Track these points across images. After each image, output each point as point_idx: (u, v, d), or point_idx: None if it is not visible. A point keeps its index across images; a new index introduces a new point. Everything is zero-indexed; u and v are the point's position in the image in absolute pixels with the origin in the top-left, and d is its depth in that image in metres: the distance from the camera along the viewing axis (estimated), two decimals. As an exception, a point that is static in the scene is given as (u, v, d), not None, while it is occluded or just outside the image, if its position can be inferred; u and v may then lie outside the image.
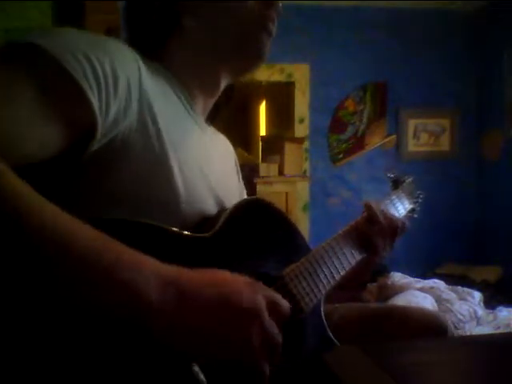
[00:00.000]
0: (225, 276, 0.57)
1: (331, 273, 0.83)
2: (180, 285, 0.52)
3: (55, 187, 0.60)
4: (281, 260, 0.77)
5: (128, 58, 0.66)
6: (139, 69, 0.67)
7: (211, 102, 0.85)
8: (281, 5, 0.81)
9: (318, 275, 0.80)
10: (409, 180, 1.20)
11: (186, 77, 0.79)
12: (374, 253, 0.94)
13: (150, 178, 0.66)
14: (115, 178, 0.63)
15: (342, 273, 0.86)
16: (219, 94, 0.85)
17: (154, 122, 0.67)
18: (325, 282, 0.81)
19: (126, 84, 0.63)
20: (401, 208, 1.09)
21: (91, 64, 0.58)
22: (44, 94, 0.55)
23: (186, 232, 0.65)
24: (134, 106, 0.64)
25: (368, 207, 0.96)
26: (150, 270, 0.51)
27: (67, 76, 0.56)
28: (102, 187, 0.63)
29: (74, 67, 0.57)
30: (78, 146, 0.60)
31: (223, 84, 0.84)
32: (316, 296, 0.78)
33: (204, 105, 0.83)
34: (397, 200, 1.09)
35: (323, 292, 0.80)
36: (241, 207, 0.75)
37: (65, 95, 0.57)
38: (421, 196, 1.20)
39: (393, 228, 0.96)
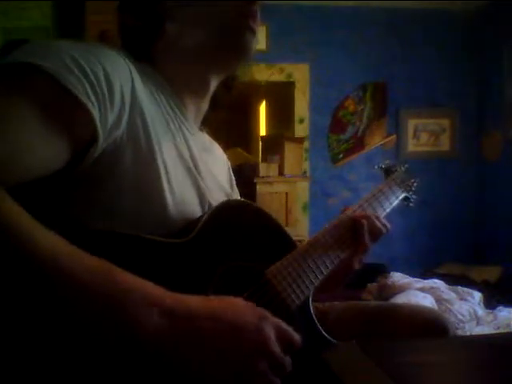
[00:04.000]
0: (233, 305, 0.56)
1: (318, 268, 0.82)
2: (176, 312, 0.52)
3: (46, 198, 0.61)
4: (265, 259, 0.77)
5: (121, 66, 0.67)
6: (132, 77, 0.68)
7: (203, 104, 0.85)
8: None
9: (305, 271, 0.80)
10: (401, 168, 1.17)
11: (175, 80, 0.79)
12: (358, 250, 0.92)
13: (139, 185, 0.66)
14: (106, 187, 0.64)
15: (330, 267, 0.85)
16: (210, 95, 0.85)
17: (145, 129, 0.68)
18: (312, 277, 0.81)
19: (120, 94, 0.64)
20: (392, 197, 1.08)
21: (88, 79, 0.59)
22: (47, 113, 0.56)
23: (160, 238, 0.65)
24: (127, 114, 0.65)
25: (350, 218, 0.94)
26: (151, 299, 0.52)
27: (68, 95, 0.57)
28: (94, 197, 0.64)
29: (74, 85, 0.57)
30: (75, 159, 0.61)
31: (213, 85, 0.84)
32: (303, 292, 0.78)
33: (196, 108, 0.83)
34: (387, 189, 1.07)
35: (311, 288, 0.80)
36: (220, 209, 0.75)
37: (68, 113, 0.58)
38: (414, 184, 1.17)
39: (373, 230, 0.94)
